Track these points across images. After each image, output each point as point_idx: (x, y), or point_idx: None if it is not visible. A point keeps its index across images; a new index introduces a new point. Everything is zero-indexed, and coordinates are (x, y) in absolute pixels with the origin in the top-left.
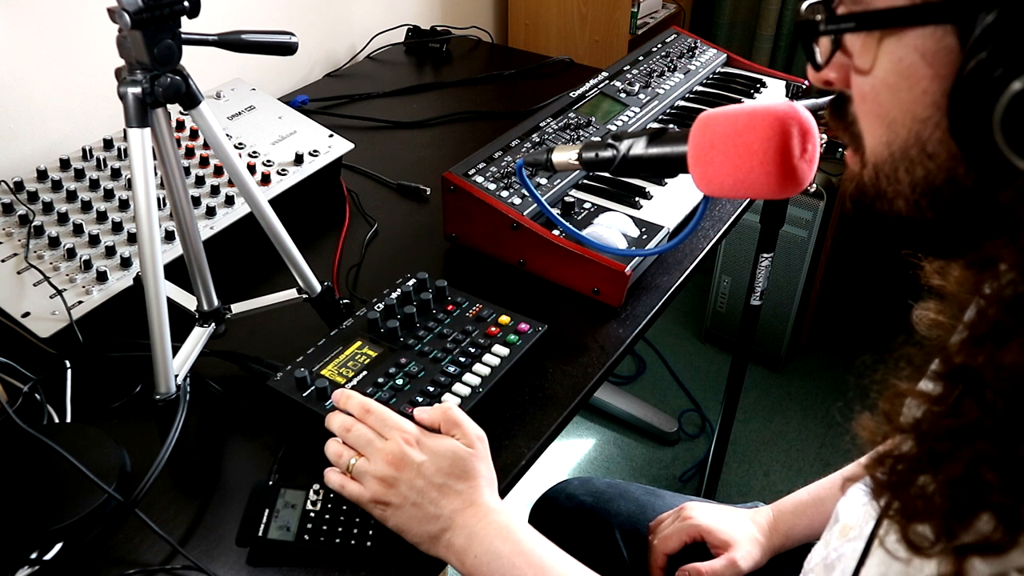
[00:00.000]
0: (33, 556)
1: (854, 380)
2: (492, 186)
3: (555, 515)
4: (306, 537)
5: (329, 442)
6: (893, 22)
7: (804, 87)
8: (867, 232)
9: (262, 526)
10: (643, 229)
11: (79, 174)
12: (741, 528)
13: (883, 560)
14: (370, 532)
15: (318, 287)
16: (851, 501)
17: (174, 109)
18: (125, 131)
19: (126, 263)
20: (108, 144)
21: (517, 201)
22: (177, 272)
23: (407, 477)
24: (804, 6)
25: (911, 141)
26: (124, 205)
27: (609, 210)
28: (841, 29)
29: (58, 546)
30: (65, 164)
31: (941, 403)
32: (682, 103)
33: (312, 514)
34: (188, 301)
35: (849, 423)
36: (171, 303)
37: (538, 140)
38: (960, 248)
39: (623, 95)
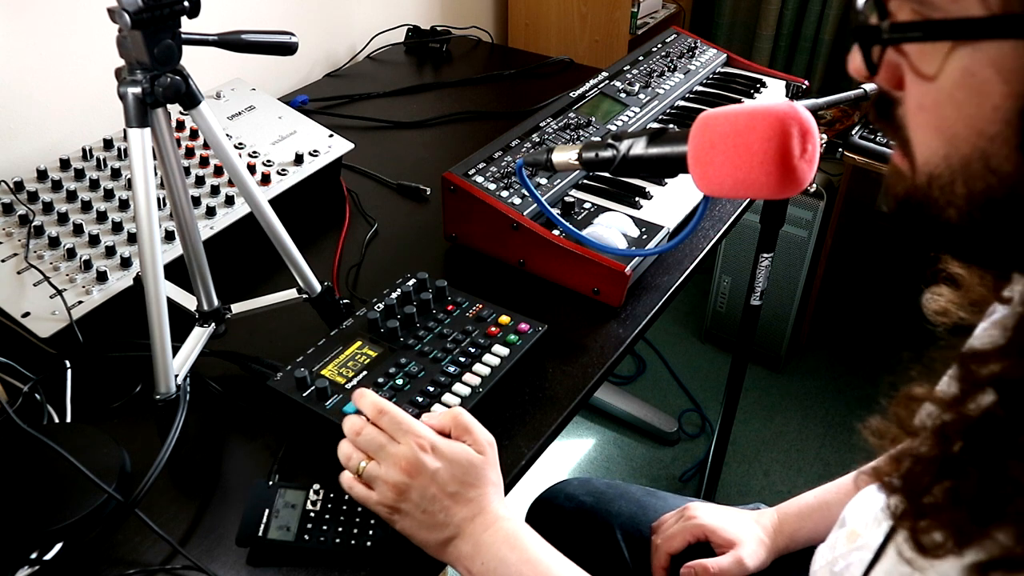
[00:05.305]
0: (33, 556)
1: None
2: (492, 186)
3: (554, 516)
4: (306, 537)
5: (341, 443)
6: (967, 34)
7: (804, 87)
8: (905, 234)
9: (262, 526)
10: (643, 229)
11: (79, 174)
12: (746, 528)
13: (891, 563)
14: (370, 532)
15: (318, 287)
16: (859, 505)
17: (174, 109)
18: (125, 131)
19: (126, 263)
20: (108, 144)
21: (517, 201)
22: (177, 272)
23: (420, 484)
24: (859, 4)
25: (974, 156)
26: (124, 205)
27: (609, 210)
28: (907, 38)
29: (58, 546)
30: (65, 164)
31: (967, 409)
32: (682, 103)
33: (312, 514)
34: (188, 301)
35: (859, 424)
36: (171, 303)
37: (538, 140)
38: (1006, 259)
39: (623, 95)
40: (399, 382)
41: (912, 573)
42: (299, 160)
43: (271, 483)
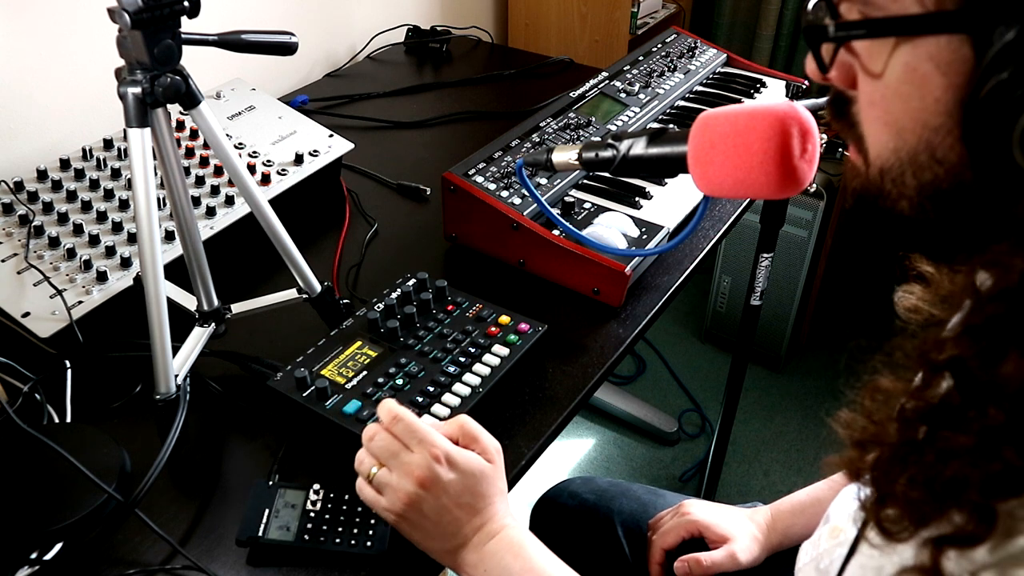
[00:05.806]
0: (33, 556)
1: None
2: (492, 186)
3: (558, 513)
4: (306, 537)
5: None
6: (906, 30)
7: (804, 87)
8: (867, 227)
9: (262, 526)
10: (643, 229)
11: (79, 174)
12: (739, 524)
13: (865, 556)
14: (370, 533)
15: (318, 287)
16: (842, 502)
17: (174, 109)
18: (125, 131)
19: (126, 263)
20: (108, 144)
21: (517, 201)
22: (177, 272)
23: (432, 495)
24: (810, 6)
25: (920, 148)
26: (124, 205)
27: (609, 210)
28: (852, 36)
29: (58, 546)
30: (65, 164)
31: (928, 395)
32: (682, 103)
33: (312, 514)
34: (188, 301)
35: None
36: (171, 303)
37: (538, 140)
38: (959, 250)
39: (623, 95)
40: (399, 382)
41: (882, 565)
42: (299, 160)
43: (271, 483)
